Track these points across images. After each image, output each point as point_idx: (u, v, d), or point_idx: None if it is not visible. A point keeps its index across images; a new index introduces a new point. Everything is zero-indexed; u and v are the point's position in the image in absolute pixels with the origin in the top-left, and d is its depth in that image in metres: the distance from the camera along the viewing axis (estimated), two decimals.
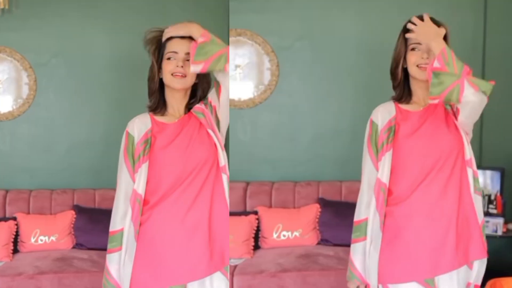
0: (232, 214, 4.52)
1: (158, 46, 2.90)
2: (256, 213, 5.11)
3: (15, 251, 5.07)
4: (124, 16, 5.57)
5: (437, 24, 2.83)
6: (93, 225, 5.13)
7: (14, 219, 5.17)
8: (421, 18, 2.84)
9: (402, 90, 2.97)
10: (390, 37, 3.45)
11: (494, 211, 4.95)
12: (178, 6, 5.47)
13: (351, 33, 5.48)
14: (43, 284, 4.57)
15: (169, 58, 2.87)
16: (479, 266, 2.92)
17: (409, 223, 2.86)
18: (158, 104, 2.93)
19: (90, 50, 5.57)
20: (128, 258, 2.81)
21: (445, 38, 2.81)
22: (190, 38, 2.82)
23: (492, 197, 4.96)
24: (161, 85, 2.93)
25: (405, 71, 2.95)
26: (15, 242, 5.09)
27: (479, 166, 4.76)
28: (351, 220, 4.91)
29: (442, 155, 2.83)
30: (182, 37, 2.86)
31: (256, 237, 5.03)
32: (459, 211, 2.87)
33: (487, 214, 4.78)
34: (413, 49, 2.89)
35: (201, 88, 2.96)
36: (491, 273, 3.16)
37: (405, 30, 2.92)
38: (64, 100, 5.62)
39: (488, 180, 4.97)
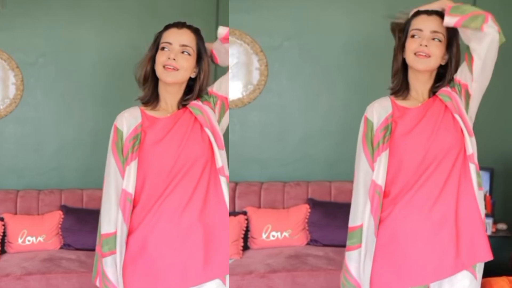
0: None
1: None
2: (245, 213, 5.09)
3: (2, 251, 5.04)
4: (113, 16, 5.55)
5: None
6: (80, 225, 5.10)
7: (1, 219, 5.13)
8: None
9: (400, 81, 2.84)
10: (379, 37, 3.47)
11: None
12: (168, 6, 5.45)
13: (340, 33, 5.48)
14: (31, 285, 4.54)
15: (163, 48, 2.73)
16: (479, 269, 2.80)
17: (405, 226, 2.73)
18: (150, 96, 2.78)
19: (79, 49, 5.54)
20: (118, 260, 2.69)
21: (453, 30, 2.75)
22: (188, 27, 2.77)
23: None
24: (156, 77, 2.78)
25: (405, 63, 2.82)
26: (2, 242, 5.06)
27: None
28: (341, 221, 4.92)
29: (440, 153, 2.71)
30: (180, 27, 2.76)
31: (245, 238, 5.01)
32: (460, 212, 2.73)
33: None
34: (413, 36, 2.75)
35: (199, 84, 2.80)
36: None
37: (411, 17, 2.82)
38: (52, 100, 5.59)
39: None
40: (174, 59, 2.70)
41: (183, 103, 2.81)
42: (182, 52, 2.73)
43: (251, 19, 5.46)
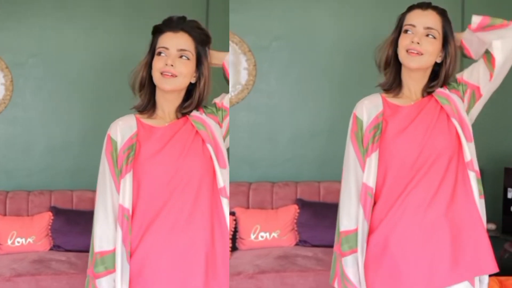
0: None
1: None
2: (233, 214, 5.09)
3: None
4: (102, 16, 5.54)
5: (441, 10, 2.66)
6: (70, 226, 5.09)
7: None
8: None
9: (392, 78, 2.69)
10: (367, 38, 3.48)
11: None
12: (156, 8, 5.42)
13: (328, 34, 5.49)
14: (20, 286, 4.52)
15: (159, 54, 2.54)
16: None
17: (397, 232, 2.56)
18: (147, 104, 2.60)
19: (68, 50, 5.53)
20: (118, 281, 2.44)
21: (449, 26, 2.67)
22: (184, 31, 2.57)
23: None
24: (152, 83, 2.59)
25: (397, 59, 2.67)
26: None
27: None
28: (330, 221, 4.89)
29: (431, 155, 2.55)
30: (176, 31, 2.57)
31: (234, 238, 5.01)
32: (459, 220, 2.56)
33: None
34: (406, 31, 2.60)
35: (199, 90, 2.60)
36: None
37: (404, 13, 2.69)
38: (41, 100, 5.58)
39: None
40: (172, 65, 2.52)
41: (182, 111, 2.62)
42: (180, 57, 2.54)
43: (239, 19, 5.44)
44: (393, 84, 2.70)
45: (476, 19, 2.64)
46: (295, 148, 5.56)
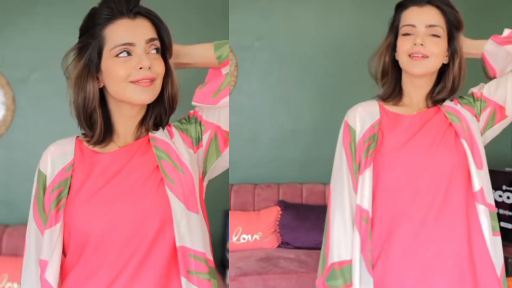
0: None
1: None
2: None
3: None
4: None
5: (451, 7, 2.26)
6: (300, 222, 4.96)
7: None
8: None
9: (392, 87, 2.33)
10: (349, 38, 3.43)
11: None
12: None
13: (311, 34, 5.48)
14: (246, 286, 4.35)
15: (405, 34, 2.23)
16: None
17: (389, 273, 2.15)
18: (392, 92, 2.32)
19: (298, 33, 5.48)
20: None
21: (453, 21, 2.26)
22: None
23: None
24: (397, 67, 2.31)
25: (395, 64, 2.32)
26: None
27: None
28: (312, 223, 4.90)
29: (435, 177, 2.15)
30: (421, 5, 2.23)
31: None
32: (464, 260, 2.15)
33: None
34: (405, 34, 2.23)
35: (452, 73, 2.26)
36: None
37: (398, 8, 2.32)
38: (269, 87, 5.54)
39: None
40: (421, 45, 2.17)
41: (434, 99, 2.29)
42: (431, 35, 2.20)
43: None
44: (393, 94, 2.33)
45: (507, 32, 2.25)
46: (277, 149, 5.54)
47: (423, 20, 2.21)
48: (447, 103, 2.30)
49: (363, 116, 2.27)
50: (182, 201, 1.89)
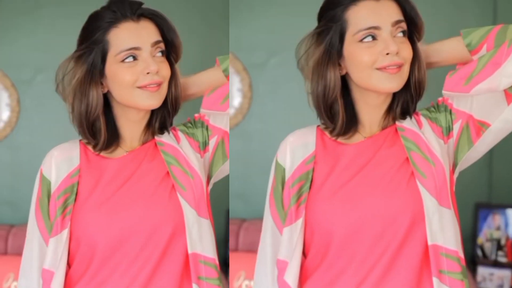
0: None
1: None
2: None
3: None
4: None
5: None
6: None
7: None
8: None
9: (342, 118, 1.80)
10: None
11: (504, 259, 4.17)
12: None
13: None
14: None
15: (123, 60, 1.84)
16: None
17: None
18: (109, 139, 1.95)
19: None
20: None
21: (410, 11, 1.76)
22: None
23: (502, 242, 4.22)
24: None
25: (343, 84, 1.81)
26: None
27: (488, 204, 4.27)
28: None
29: (386, 228, 1.70)
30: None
31: None
32: None
33: (494, 264, 4.15)
34: (364, 39, 1.72)
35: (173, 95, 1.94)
36: None
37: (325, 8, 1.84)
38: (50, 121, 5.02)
39: (499, 221, 4.21)
40: (397, 53, 1.70)
41: (398, 112, 1.81)
42: (397, 35, 1.72)
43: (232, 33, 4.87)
44: (351, 123, 1.82)
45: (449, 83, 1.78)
46: None
47: (388, 17, 1.71)
48: (407, 124, 1.80)
49: (295, 148, 1.87)
50: (194, 207, 1.84)
